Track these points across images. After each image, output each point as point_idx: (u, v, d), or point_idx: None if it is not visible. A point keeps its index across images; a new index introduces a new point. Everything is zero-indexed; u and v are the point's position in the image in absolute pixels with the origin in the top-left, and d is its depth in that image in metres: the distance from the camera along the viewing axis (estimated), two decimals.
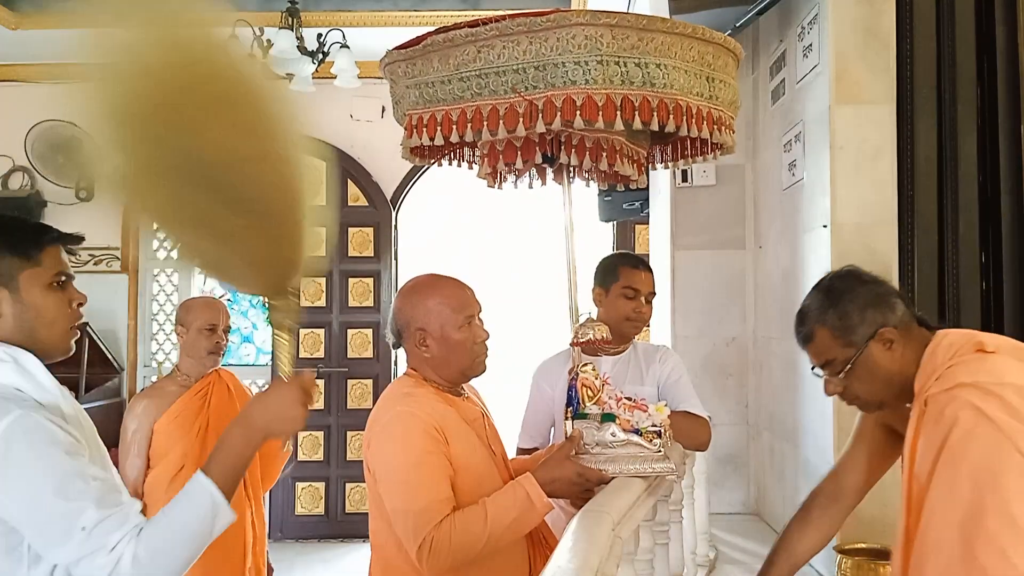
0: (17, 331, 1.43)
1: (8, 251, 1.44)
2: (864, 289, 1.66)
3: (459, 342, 1.90)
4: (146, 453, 2.81)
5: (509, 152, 2.08)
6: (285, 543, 5.79)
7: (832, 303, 1.66)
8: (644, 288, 2.55)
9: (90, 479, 1.33)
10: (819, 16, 2.85)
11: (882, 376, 1.63)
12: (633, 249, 5.77)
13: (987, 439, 1.41)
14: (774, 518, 3.47)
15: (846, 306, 1.64)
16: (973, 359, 1.53)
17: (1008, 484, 1.37)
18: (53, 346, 1.48)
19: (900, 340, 1.62)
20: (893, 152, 2.71)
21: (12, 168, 6.29)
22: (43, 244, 1.48)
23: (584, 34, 1.81)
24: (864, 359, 1.63)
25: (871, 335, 1.62)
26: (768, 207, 3.58)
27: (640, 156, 2.26)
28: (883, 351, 1.62)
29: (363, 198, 6.13)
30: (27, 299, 1.44)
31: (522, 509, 1.76)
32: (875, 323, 1.62)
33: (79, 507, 1.29)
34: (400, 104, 2.10)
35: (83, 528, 1.28)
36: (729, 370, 3.81)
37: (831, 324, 1.66)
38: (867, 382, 1.66)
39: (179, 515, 1.35)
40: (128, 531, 1.30)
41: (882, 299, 1.64)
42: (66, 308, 1.49)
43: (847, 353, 1.64)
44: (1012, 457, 1.39)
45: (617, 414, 1.92)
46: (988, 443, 1.40)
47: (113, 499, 1.33)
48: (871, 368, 1.63)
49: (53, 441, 1.33)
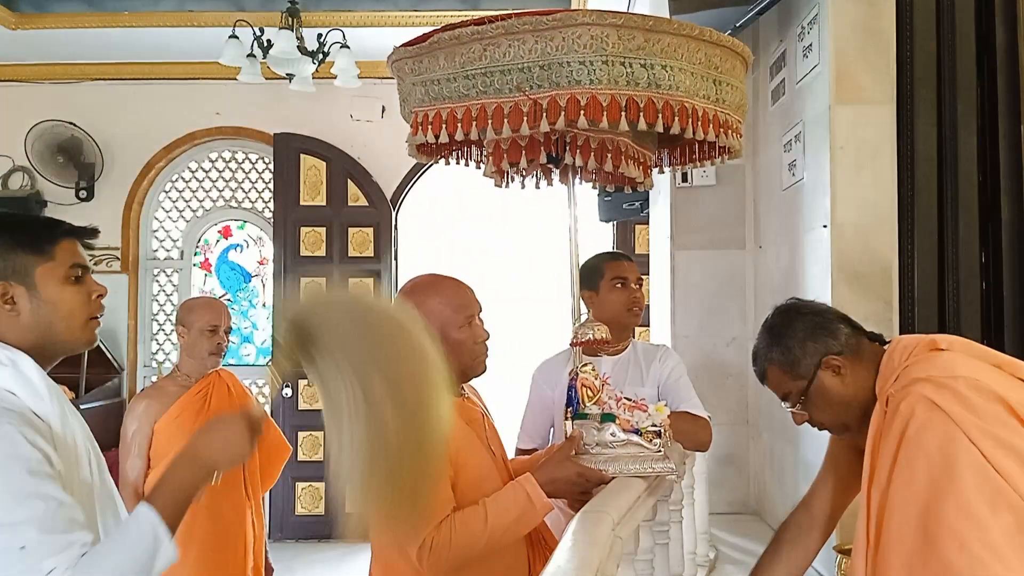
0: (36, 326, 1.43)
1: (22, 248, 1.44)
2: (802, 322, 1.70)
3: (460, 342, 1.89)
4: (146, 453, 2.81)
5: (514, 151, 2.08)
6: (285, 543, 5.79)
7: (775, 340, 1.71)
8: (632, 275, 2.59)
9: (47, 499, 1.29)
10: (819, 16, 2.85)
11: (837, 401, 1.67)
12: (633, 249, 5.78)
13: (941, 430, 1.44)
14: (774, 518, 3.47)
15: (787, 341, 1.69)
16: (927, 357, 1.57)
17: (963, 475, 1.40)
18: (74, 339, 1.47)
19: (848, 364, 1.66)
20: (893, 152, 2.71)
21: (12, 168, 6.29)
22: (56, 238, 1.47)
23: (590, 34, 1.80)
24: (816, 388, 1.67)
25: (817, 364, 1.66)
26: (768, 207, 3.58)
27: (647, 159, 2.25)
28: (832, 378, 1.66)
29: (363, 198, 6.13)
30: (44, 294, 1.43)
31: (522, 510, 1.76)
32: (818, 352, 1.66)
33: (21, 527, 1.25)
34: (407, 102, 2.10)
35: (21, 547, 1.25)
36: (729, 370, 3.81)
37: (777, 361, 1.70)
38: (824, 409, 1.69)
39: (119, 546, 1.31)
40: (66, 558, 1.25)
41: (821, 328, 1.68)
42: (84, 300, 1.48)
43: (799, 385, 1.68)
44: (965, 448, 1.42)
45: (617, 414, 1.92)
46: (941, 434, 1.44)
47: (61, 524, 1.28)
48: (824, 395, 1.67)
49: (15, 456, 1.29)
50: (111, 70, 6.26)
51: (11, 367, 1.40)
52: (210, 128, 6.33)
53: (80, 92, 6.29)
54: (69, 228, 1.50)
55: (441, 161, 2.43)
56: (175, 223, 6.53)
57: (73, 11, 5.49)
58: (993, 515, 1.39)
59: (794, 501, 2.00)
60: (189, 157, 6.49)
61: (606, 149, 2.04)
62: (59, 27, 5.55)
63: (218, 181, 6.53)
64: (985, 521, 1.39)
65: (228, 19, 5.10)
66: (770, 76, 3.47)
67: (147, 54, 6.04)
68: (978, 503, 1.39)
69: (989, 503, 1.39)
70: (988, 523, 1.38)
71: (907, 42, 2.71)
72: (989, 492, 1.40)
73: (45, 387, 1.42)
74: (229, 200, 6.52)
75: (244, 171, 6.53)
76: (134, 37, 5.70)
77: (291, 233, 6.08)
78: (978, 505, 1.39)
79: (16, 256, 1.43)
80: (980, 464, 1.41)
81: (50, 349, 1.46)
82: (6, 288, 1.42)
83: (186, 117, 6.30)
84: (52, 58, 6.13)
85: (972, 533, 1.38)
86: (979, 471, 1.41)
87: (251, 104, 6.16)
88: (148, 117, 6.29)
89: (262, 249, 6.53)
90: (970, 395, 1.47)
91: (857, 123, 2.71)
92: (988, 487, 1.40)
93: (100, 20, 5.51)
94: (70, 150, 6.21)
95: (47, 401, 1.41)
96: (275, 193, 6.15)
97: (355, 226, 6.12)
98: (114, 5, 5.45)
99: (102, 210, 6.22)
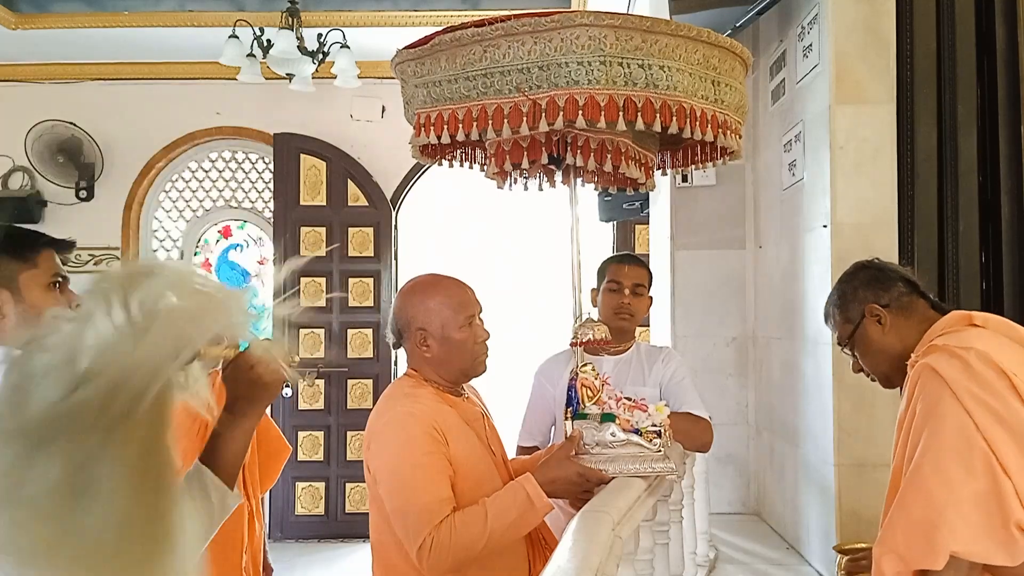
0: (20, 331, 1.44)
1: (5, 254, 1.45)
2: (864, 273, 1.88)
3: (460, 342, 1.90)
4: None
5: (515, 152, 2.08)
6: (285, 543, 5.79)
7: (839, 286, 1.91)
8: (627, 280, 2.60)
9: None
10: (819, 16, 2.85)
11: (877, 349, 1.82)
12: (633, 249, 5.76)
13: (937, 395, 1.56)
14: (774, 518, 3.47)
15: (846, 287, 1.88)
16: (957, 330, 1.69)
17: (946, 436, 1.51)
18: None
19: (892, 317, 1.80)
20: (893, 152, 2.71)
21: (12, 168, 6.29)
22: (38, 248, 1.50)
23: (588, 35, 1.81)
24: (860, 334, 1.83)
25: (862, 311, 1.82)
26: (768, 207, 3.58)
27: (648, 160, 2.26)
28: (874, 326, 1.81)
29: (363, 198, 6.13)
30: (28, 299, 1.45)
31: (522, 509, 1.76)
32: (866, 300, 1.82)
33: None
34: (410, 104, 2.11)
35: None
36: (729, 370, 3.82)
37: (836, 303, 1.89)
38: (866, 355, 1.84)
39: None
40: None
41: (877, 281, 1.84)
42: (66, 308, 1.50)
43: (848, 328, 1.85)
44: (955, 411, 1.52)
45: (617, 414, 1.92)
46: (936, 398, 1.55)
47: None
48: (866, 341, 1.83)
49: None
50: (111, 70, 6.26)
51: None
52: (210, 128, 6.33)
53: (80, 92, 6.29)
54: (49, 240, 1.52)
55: (444, 163, 2.43)
56: (175, 223, 6.53)
57: (73, 11, 5.48)
58: (967, 478, 1.47)
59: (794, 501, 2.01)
60: (189, 157, 6.49)
61: (606, 150, 2.04)
62: (59, 27, 5.54)
63: (218, 181, 6.53)
64: (956, 483, 1.47)
65: (228, 19, 5.10)
66: (770, 76, 3.47)
67: (147, 54, 6.03)
68: (954, 465, 1.48)
69: (966, 466, 1.48)
70: (959, 485, 1.47)
71: (907, 42, 2.71)
72: (968, 456, 1.48)
73: None
74: (229, 200, 6.52)
75: (244, 171, 6.52)
76: (134, 37, 5.69)
77: (291, 233, 6.08)
78: (953, 467, 1.48)
79: (1, 263, 1.45)
80: (966, 428, 1.50)
81: None
82: None
83: (186, 117, 6.29)
84: (52, 58, 6.13)
85: (940, 492, 1.47)
86: (963, 435, 1.50)
87: (251, 104, 6.16)
88: (148, 117, 6.28)
89: (262, 249, 6.53)
90: (976, 365, 1.55)
91: (857, 123, 2.71)
92: (969, 452, 1.48)
93: (100, 20, 5.50)
94: (70, 150, 6.20)
95: None
96: (275, 193, 6.15)
97: (355, 226, 6.12)
98: (114, 5, 5.45)
99: (102, 210, 6.22)
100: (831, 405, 2.69)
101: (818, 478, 2.85)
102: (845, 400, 2.68)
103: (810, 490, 2.95)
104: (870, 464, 2.64)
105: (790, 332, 3.19)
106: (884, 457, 2.63)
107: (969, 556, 1.46)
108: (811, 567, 2.93)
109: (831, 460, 2.69)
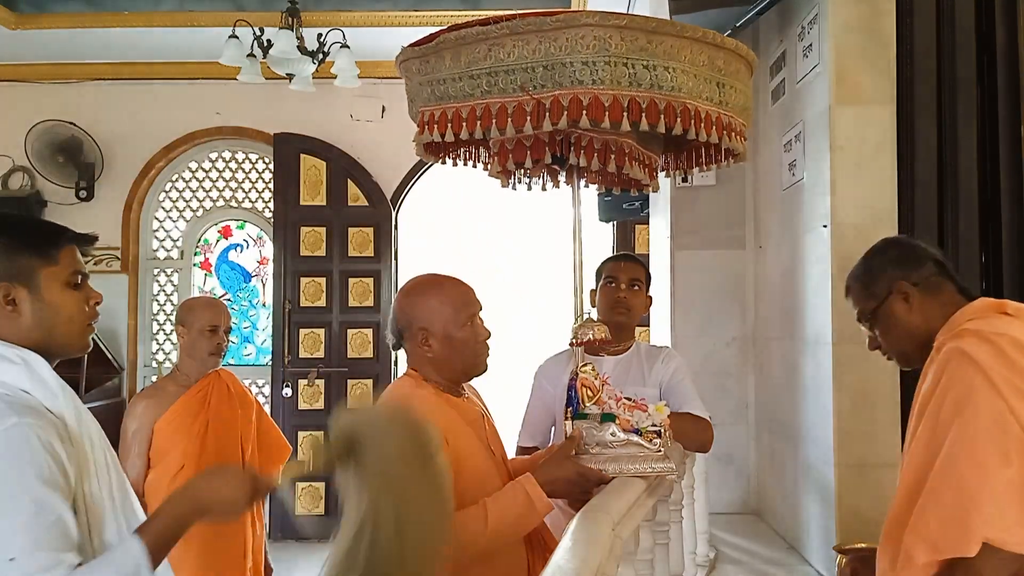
0: (36, 328, 1.44)
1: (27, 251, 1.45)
2: (894, 250, 1.83)
3: (462, 340, 1.90)
4: (146, 453, 2.81)
5: (519, 151, 2.08)
6: (285, 543, 5.78)
7: (865, 260, 1.85)
8: (623, 275, 2.62)
9: (48, 512, 1.29)
10: (819, 16, 2.85)
11: (900, 327, 1.76)
12: (633, 249, 5.76)
13: (969, 378, 1.51)
14: (774, 518, 3.47)
15: (873, 262, 1.82)
16: (988, 316, 1.65)
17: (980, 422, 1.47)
18: (71, 343, 1.49)
19: (920, 297, 1.74)
20: (893, 152, 2.71)
21: (12, 168, 6.29)
22: (61, 244, 1.49)
23: (593, 35, 1.81)
24: (884, 311, 1.77)
25: (889, 288, 1.76)
26: (768, 207, 3.58)
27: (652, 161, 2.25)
28: (901, 304, 1.75)
29: (363, 198, 6.13)
30: (47, 297, 1.45)
31: (522, 509, 1.76)
32: (893, 278, 1.76)
33: (14, 536, 1.26)
34: (414, 101, 2.11)
35: (11, 558, 1.26)
36: (729, 370, 3.82)
37: (860, 277, 1.83)
38: (888, 333, 1.79)
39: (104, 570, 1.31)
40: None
41: (907, 258, 1.78)
42: (84, 306, 1.50)
43: (871, 305, 1.79)
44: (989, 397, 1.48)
45: (617, 414, 1.92)
46: (969, 382, 1.51)
47: (58, 543, 1.29)
48: (889, 319, 1.77)
49: (32, 461, 1.31)
50: (111, 70, 6.26)
51: (24, 366, 1.40)
52: (210, 128, 6.33)
53: (80, 92, 6.29)
54: (73, 235, 1.52)
55: (448, 162, 2.43)
56: (175, 223, 6.53)
57: (73, 11, 5.48)
58: (1002, 465, 1.43)
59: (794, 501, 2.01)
60: (189, 157, 6.49)
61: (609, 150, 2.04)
62: (59, 27, 5.54)
63: (218, 181, 6.53)
64: (991, 469, 1.43)
65: (228, 19, 5.10)
66: (770, 76, 3.47)
67: (147, 54, 6.03)
68: (988, 451, 1.44)
69: (1000, 452, 1.43)
70: (993, 471, 1.42)
71: (907, 42, 2.71)
72: (1004, 442, 1.44)
73: (58, 386, 1.43)
74: (229, 200, 6.52)
75: (244, 171, 6.52)
76: (134, 37, 5.69)
77: (291, 233, 6.08)
78: (988, 453, 1.44)
79: (20, 258, 1.44)
80: (1001, 414, 1.46)
81: (48, 352, 1.46)
82: (8, 289, 1.43)
83: (186, 117, 6.29)
84: (52, 58, 6.12)
85: (974, 478, 1.43)
86: (998, 421, 1.45)
87: (251, 104, 6.16)
88: (148, 117, 6.28)
89: (262, 249, 6.53)
90: (1009, 351, 1.52)
91: (857, 123, 2.71)
92: (1004, 437, 1.44)
93: (100, 20, 5.50)
94: (70, 150, 6.20)
95: (61, 400, 1.42)
96: (275, 193, 6.15)
97: (355, 226, 6.12)
98: (114, 5, 5.45)
99: (102, 210, 6.22)
100: (831, 405, 2.69)
101: (818, 478, 2.85)
102: (845, 400, 2.68)
103: (810, 490, 2.95)
104: (870, 464, 2.65)
105: (790, 332, 3.19)
106: (884, 457, 2.64)
107: (1003, 544, 1.41)
108: (811, 567, 2.93)
109: (831, 460, 2.69)
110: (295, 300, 6.07)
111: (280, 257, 6.11)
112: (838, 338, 2.68)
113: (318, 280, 6.09)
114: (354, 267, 6.11)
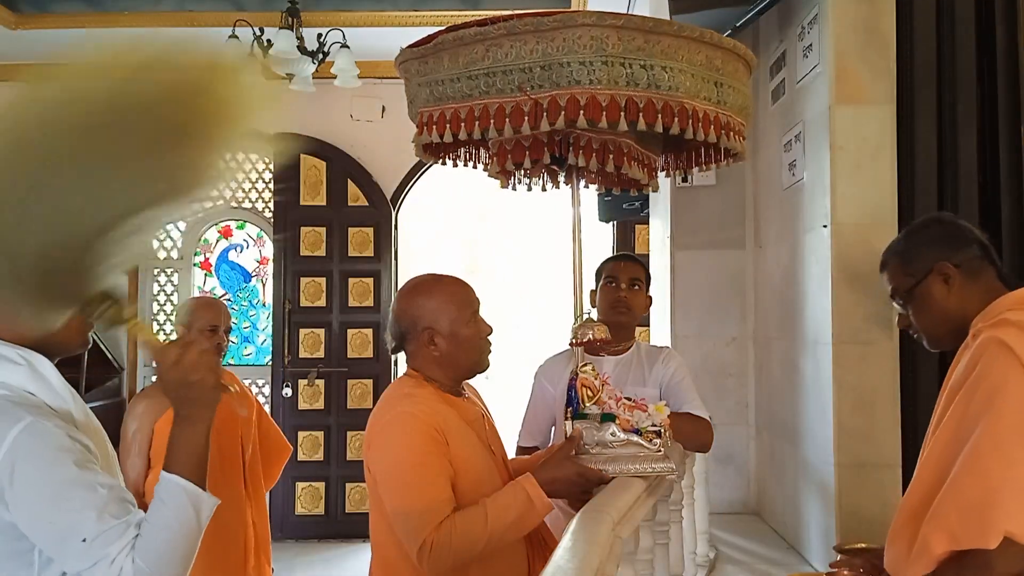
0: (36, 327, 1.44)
1: None
2: (938, 229, 1.78)
3: (468, 337, 1.90)
4: (147, 453, 2.81)
5: (518, 152, 2.08)
6: (285, 543, 5.78)
7: (905, 237, 1.81)
8: (623, 275, 2.62)
9: (97, 488, 1.32)
10: (819, 16, 2.85)
11: (936, 309, 1.71)
12: (633, 249, 5.76)
13: (1003, 367, 1.48)
14: (774, 518, 3.47)
15: (914, 239, 1.78)
16: None
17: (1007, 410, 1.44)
18: (71, 340, 1.49)
19: (960, 279, 1.69)
20: (893, 152, 2.71)
21: None
22: None
23: (590, 35, 1.81)
24: (921, 290, 1.72)
25: (929, 267, 1.71)
26: (768, 207, 3.58)
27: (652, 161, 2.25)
28: (939, 285, 1.70)
29: (363, 198, 6.13)
30: None
31: (522, 509, 1.76)
32: (935, 257, 1.71)
33: (80, 518, 1.29)
34: (414, 102, 2.11)
35: (83, 539, 1.28)
36: (729, 370, 3.82)
37: (899, 253, 1.78)
38: (923, 313, 1.74)
39: (161, 518, 1.33)
40: (128, 542, 1.29)
41: (950, 238, 1.74)
42: None
43: (908, 282, 1.74)
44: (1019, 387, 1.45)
45: (617, 414, 1.92)
46: (1002, 371, 1.47)
47: (117, 509, 1.32)
48: (927, 299, 1.72)
49: (62, 448, 1.32)
50: None
51: (27, 367, 1.40)
52: None
53: None
54: None
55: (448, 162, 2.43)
56: (175, 223, 6.53)
57: (73, 11, 5.48)
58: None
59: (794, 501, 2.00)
60: None
61: (608, 150, 2.04)
62: (59, 27, 5.53)
63: None
64: (1016, 462, 1.41)
65: (228, 19, 5.09)
66: (770, 76, 3.47)
67: None
68: (1015, 443, 1.42)
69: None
70: (1018, 464, 1.41)
71: (907, 42, 2.71)
72: None
73: (62, 386, 1.43)
74: (229, 200, 6.52)
75: (244, 171, 6.53)
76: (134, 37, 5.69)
77: (291, 233, 6.08)
78: (1014, 446, 1.42)
79: None
80: None
81: (47, 350, 1.46)
82: None
83: None
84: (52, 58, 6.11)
85: (998, 470, 1.41)
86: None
87: None
88: None
89: (262, 249, 6.53)
90: None
91: (857, 123, 2.71)
92: None
93: (100, 20, 5.50)
94: None
95: (66, 399, 1.42)
96: (275, 193, 6.15)
97: (355, 226, 6.12)
98: (114, 5, 5.45)
99: None
100: (831, 405, 2.69)
101: (818, 478, 2.85)
102: (845, 400, 2.68)
103: (810, 490, 2.95)
104: (870, 464, 2.65)
105: (790, 332, 3.19)
106: (884, 457, 2.64)
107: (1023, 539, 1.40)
108: (811, 567, 2.92)
109: (831, 460, 2.69)
110: (295, 300, 6.07)
111: (280, 257, 6.11)
112: (838, 338, 2.68)
113: (318, 280, 6.09)
114: (354, 267, 6.11)
